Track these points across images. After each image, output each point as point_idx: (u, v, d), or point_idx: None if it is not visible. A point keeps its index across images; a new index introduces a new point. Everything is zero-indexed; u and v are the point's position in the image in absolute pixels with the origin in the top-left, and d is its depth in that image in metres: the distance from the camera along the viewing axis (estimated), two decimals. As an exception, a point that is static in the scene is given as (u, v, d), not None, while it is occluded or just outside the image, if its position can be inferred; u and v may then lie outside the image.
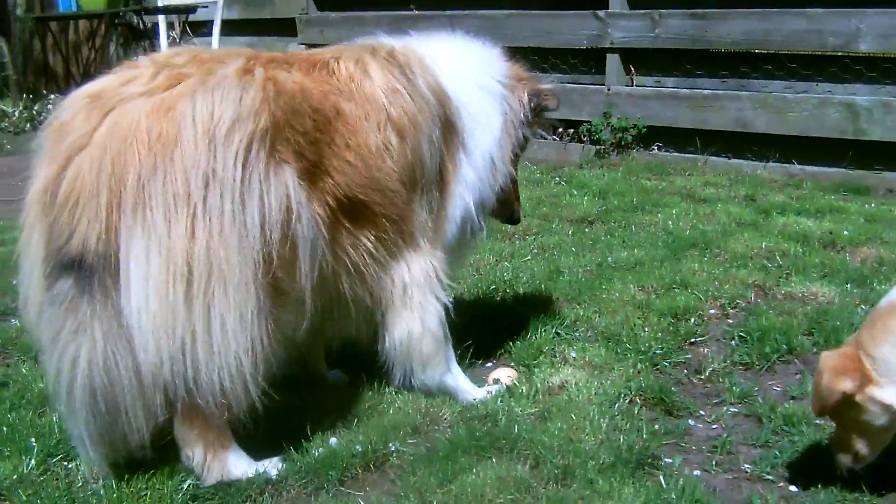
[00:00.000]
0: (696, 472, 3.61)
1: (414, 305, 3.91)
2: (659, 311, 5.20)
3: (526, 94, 4.33)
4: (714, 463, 3.70)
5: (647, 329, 4.93)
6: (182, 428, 3.42)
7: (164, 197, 3.00)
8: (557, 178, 9.00)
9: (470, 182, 4.13)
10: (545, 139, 9.13)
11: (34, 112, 12.40)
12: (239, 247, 3.08)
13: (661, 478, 3.48)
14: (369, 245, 3.75)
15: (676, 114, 9.62)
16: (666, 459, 3.68)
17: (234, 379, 3.22)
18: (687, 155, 9.59)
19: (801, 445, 3.76)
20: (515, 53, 4.54)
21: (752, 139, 9.18)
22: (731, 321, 5.25)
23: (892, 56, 8.56)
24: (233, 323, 3.15)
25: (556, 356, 4.59)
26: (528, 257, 6.42)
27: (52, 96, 13.06)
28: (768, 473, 3.61)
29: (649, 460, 3.62)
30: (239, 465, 3.51)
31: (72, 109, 3.19)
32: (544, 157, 9.87)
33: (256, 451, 3.59)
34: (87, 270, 3.02)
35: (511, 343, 4.79)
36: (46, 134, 3.25)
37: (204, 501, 3.40)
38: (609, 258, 6.26)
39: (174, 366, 3.09)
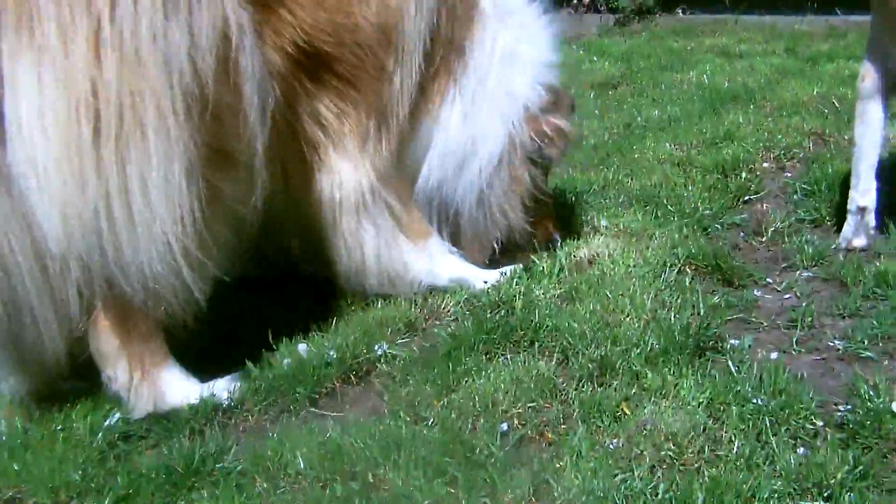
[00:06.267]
0: (774, 355, 2.79)
1: (345, 233, 3.07)
2: (703, 167, 4.39)
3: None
4: (794, 341, 2.89)
5: (690, 188, 4.14)
6: (99, 337, 2.59)
7: (57, 6, 2.26)
8: (574, 48, 8.04)
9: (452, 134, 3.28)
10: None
11: None
12: (161, 76, 2.32)
13: (730, 363, 2.66)
14: (329, 116, 2.96)
15: (700, -31, 8.77)
16: (732, 340, 2.86)
17: (162, 259, 2.40)
18: (716, 15, 8.87)
19: (902, 310, 2.94)
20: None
21: (786, -10, 8.36)
22: (788, 174, 4.45)
23: None
24: (156, 181, 2.34)
25: (583, 226, 3.75)
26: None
27: None
28: (865, 349, 2.81)
29: (711, 343, 2.81)
30: (177, 387, 2.66)
31: None
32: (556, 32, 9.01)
33: (202, 368, 2.74)
34: None
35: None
36: None
37: (137, 441, 2.54)
38: (638, 118, 5.46)
39: (85, 241, 2.35)
